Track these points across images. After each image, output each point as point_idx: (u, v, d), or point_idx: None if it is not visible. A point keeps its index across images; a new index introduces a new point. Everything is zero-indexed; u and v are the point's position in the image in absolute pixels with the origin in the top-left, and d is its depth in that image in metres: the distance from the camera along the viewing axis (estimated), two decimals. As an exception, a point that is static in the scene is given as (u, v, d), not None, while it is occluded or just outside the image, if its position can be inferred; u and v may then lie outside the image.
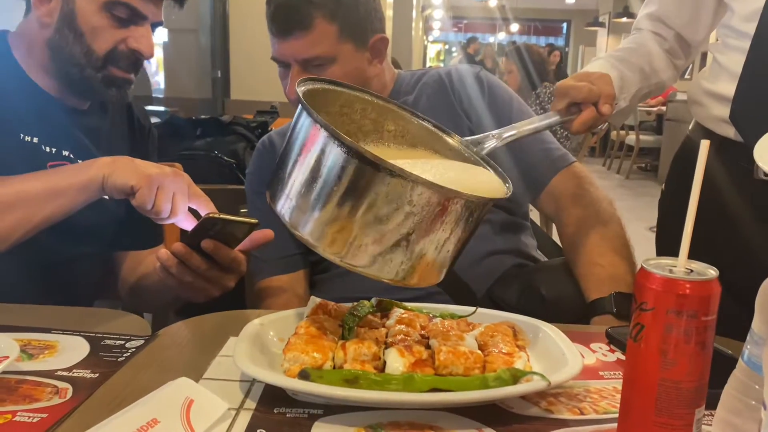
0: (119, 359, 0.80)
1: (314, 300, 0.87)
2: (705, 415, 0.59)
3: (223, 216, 0.93)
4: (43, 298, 1.03)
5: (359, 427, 0.65)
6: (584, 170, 1.27)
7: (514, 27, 15.68)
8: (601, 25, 12.78)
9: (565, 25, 17.08)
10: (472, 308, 0.89)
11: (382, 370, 0.72)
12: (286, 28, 1.16)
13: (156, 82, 5.14)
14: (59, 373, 0.76)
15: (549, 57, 8.30)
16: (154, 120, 1.58)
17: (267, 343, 0.80)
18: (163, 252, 0.99)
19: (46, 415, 0.66)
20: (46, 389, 0.72)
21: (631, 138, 8.36)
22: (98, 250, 1.25)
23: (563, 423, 0.68)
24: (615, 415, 0.63)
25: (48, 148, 1.14)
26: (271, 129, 2.26)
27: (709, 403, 0.58)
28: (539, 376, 0.69)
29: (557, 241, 1.37)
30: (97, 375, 0.76)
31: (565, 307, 1.10)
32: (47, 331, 0.88)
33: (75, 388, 0.72)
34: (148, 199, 0.97)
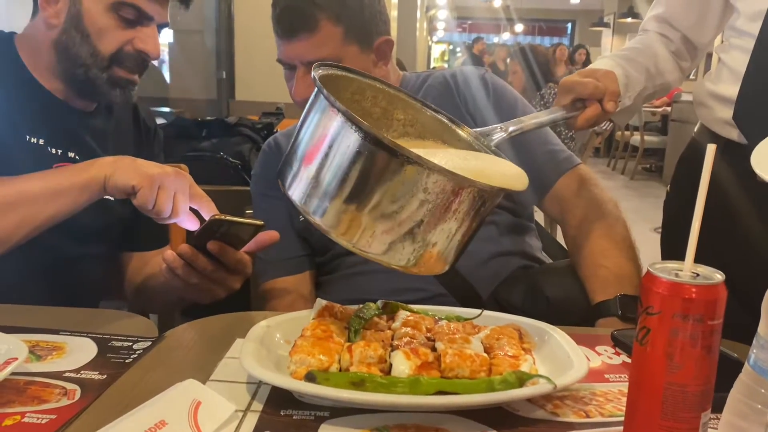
0: (127, 360, 0.81)
1: (320, 302, 0.88)
2: (711, 419, 0.59)
3: (229, 218, 0.93)
4: (49, 298, 1.04)
5: (365, 429, 0.65)
6: (589, 172, 1.27)
7: (519, 27, 15.66)
8: (606, 25, 12.76)
9: (569, 25, 17.05)
10: (478, 311, 0.89)
11: (388, 372, 0.72)
12: (291, 30, 1.16)
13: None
14: (67, 374, 0.76)
15: (555, 54, 8.14)
16: (159, 121, 1.59)
17: (273, 345, 0.81)
18: (169, 253, 0.99)
19: (54, 417, 0.67)
20: (54, 390, 0.72)
21: (635, 138, 8.34)
22: (104, 251, 1.26)
23: (569, 426, 0.68)
24: (621, 419, 0.63)
25: (54, 150, 1.14)
26: (277, 130, 2.27)
27: (715, 407, 0.58)
28: (545, 379, 0.69)
29: (562, 243, 1.37)
30: (105, 376, 0.76)
31: (570, 309, 1.11)
32: (55, 332, 0.88)
33: (83, 390, 0.73)
34: (150, 199, 0.97)
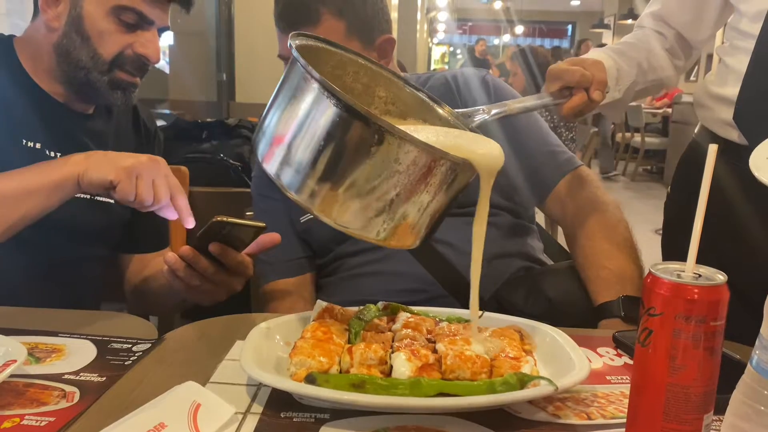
0: (126, 363, 0.81)
1: (320, 304, 0.87)
2: (713, 421, 0.58)
3: (231, 219, 0.93)
4: (48, 300, 1.03)
5: (366, 431, 0.65)
6: (591, 173, 1.27)
7: (519, 29, 15.67)
8: (606, 26, 12.77)
9: (570, 27, 17.07)
10: (479, 312, 0.88)
11: (389, 374, 0.72)
12: (293, 24, 1.16)
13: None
14: (66, 376, 0.76)
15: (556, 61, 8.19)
16: (159, 123, 1.59)
17: (273, 346, 0.80)
18: (170, 255, 0.99)
19: (53, 419, 0.66)
20: (53, 393, 0.72)
21: (636, 140, 8.34)
22: (104, 253, 1.26)
23: (571, 428, 0.68)
24: (623, 420, 0.63)
25: (52, 153, 1.14)
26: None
27: (718, 409, 0.58)
28: (546, 381, 0.69)
29: (562, 244, 1.37)
30: (104, 378, 0.76)
31: (572, 311, 1.10)
32: (54, 334, 0.88)
33: (82, 392, 0.72)
34: (130, 191, 0.96)
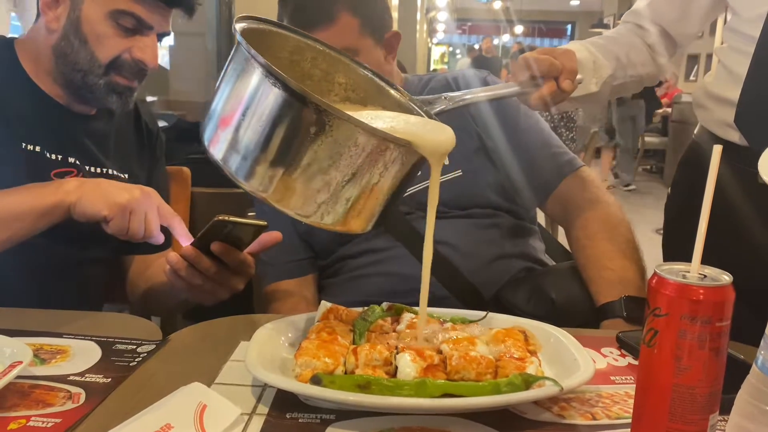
0: (131, 364, 0.81)
1: (325, 304, 0.88)
2: (719, 421, 0.58)
3: (232, 218, 0.93)
4: (51, 302, 1.03)
5: (372, 432, 0.65)
6: (592, 174, 1.27)
7: (519, 29, 15.68)
8: (606, 26, 12.77)
9: (569, 26, 17.07)
10: (483, 312, 0.89)
11: (394, 375, 0.72)
12: (309, 23, 1.14)
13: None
14: (72, 377, 0.76)
15: None
16: (161, 124, 1.59)
17: (278, 347, 0.81)
18: (172, 255, 0.99)
19: (59, 420, 0.66)
20: (59, 394, 0.72)
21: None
22: (106, 255, 1.26)
23: (576, 428, 0.68)
24: (627, 421, 0.63)
25: (53, 156, 1.14)
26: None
27: (723, 409, 0.58)
28: (551, 381, 0.69)
29: (563, 245, 1.37)
30: (109, 380, 0.76)
31: (575, 311, 1.10)
32: (59, 335, 0.88)
33: (88, 393, 0.73)
34: (123, 227, 0.97)
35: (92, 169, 1.18)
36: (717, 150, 0.59)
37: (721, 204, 1.01)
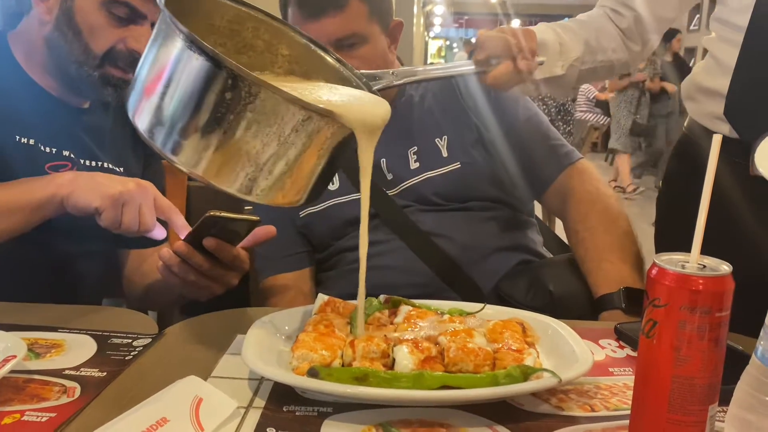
0: (127, 358, 0.80)
1: (322, 297, 0.87)
2: (718, 412, 0.58)
3: (224, 214, 0.92)
4: (48, 296, 1.03)
5: (369, 425, 0.65)
6: (590, 167, 1.27)
7: (516, 22, 15.65)
8: (603, 19, 12.75)
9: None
10: (480, 305, 0.88)
11: (392, 367, 0.71)
12: (320, 9, 1.13)
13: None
14: (67, 372, 0.76)
15: None
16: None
17: (275, 340, 0.80)
18: (165, 251, 0.98)
19: (54, 415, 0.66)
20: (54, 388, 0.72)
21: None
22: (102, 248, 1.25)
23: (574, 420, 0.68)
24: (626, 412, 0.63)
25: (47, 149, 1.13)
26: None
27: (723, 400, 0.58)
28: (550, 373, 0.68)
29: (561, 237, 1.37)
30: (104, 374, 0.76)
31: (573, 303, 1.10)
32: (54, 329, 0.88)
33: (83, 387, 0.72)
34: (115, 219, 0.95)
35: (87, 162, 1.17)
36: (717, 139, 0.58)
37: (713, 196, 1.01)
